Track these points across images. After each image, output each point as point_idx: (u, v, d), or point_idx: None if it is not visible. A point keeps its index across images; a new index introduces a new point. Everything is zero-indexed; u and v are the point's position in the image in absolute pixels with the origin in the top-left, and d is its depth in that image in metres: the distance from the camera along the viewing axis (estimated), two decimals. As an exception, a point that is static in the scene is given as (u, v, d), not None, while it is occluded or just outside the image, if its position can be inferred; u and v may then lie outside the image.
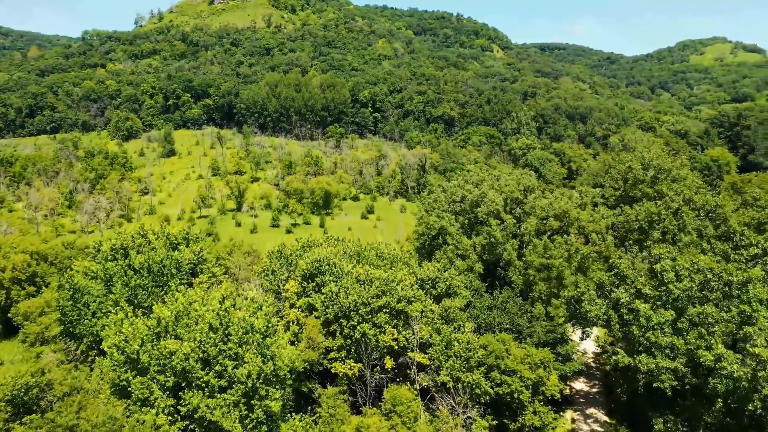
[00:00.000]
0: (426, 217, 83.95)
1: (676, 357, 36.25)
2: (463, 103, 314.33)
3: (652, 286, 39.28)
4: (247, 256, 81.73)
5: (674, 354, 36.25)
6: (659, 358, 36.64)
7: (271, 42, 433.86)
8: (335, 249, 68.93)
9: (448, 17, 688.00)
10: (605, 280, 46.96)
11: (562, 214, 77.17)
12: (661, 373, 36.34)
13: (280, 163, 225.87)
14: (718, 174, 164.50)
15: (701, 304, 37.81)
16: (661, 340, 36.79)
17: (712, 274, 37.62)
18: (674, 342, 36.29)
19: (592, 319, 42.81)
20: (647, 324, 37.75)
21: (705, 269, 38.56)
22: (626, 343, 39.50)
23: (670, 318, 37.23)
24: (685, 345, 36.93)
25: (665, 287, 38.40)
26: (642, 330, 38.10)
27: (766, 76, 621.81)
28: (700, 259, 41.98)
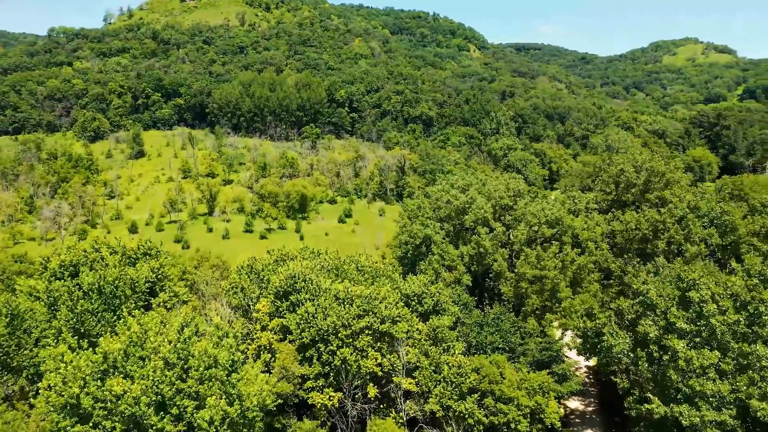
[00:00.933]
0: (409, 225, 78.24)
1: (723, 407, 31.23)
2: (442, 103, 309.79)
3: (687, 318, 34.23)
4: (215, 269, 74.93)
5: (721, 404, 31.23)
6: (704, 409, 31.40)
7: (245, 40, 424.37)
8: (312, 263, 62.75)
9: (425, 16, 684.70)
10: (624, 306, 41.84)
11: (555, 221, 72.10)
12: (706, 427, 31.13)
13: (254, 164, 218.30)
14: (701, 175, 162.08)
15: (749, 343, 32.65)
16: (706, 388, 31.51)
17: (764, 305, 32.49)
18: (721, 389, 31.14)
19: (616, 356, 37.66)
20: (688, 367, 32.46)
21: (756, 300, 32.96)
22: (658, 387, 34.48)
23: (714, 360, 32.09)
24: (734, 393, 31.80)
25: (704, 321, 33.27)
26: (681, 374, 32.79)
27: (737, 77, 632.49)
28: (732, 282, 36.89)
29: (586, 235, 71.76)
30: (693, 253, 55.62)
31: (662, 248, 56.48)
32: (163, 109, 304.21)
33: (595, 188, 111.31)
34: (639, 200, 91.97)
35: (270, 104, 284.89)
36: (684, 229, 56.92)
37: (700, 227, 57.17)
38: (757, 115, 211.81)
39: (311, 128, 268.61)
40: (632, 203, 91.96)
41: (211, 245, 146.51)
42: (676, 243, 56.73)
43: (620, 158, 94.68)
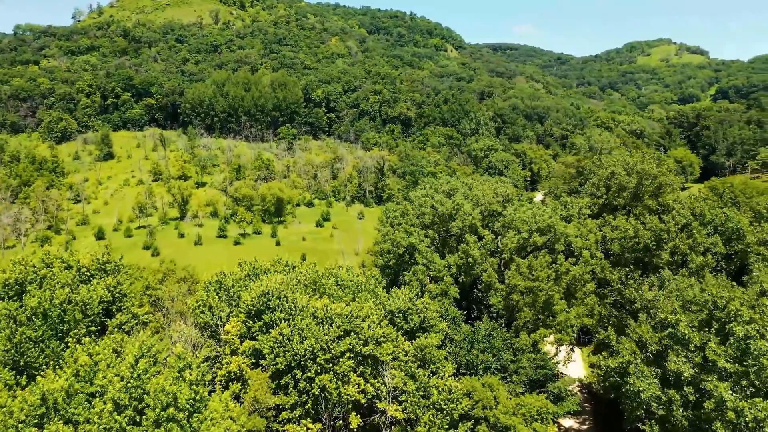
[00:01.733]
0: (391, 232, 73.21)
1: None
2: (420, 103, 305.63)
3: (730, 356, 29.92)
4: (182, 283, 68.97)
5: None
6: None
7: (219, 39, 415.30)
8: (287, 277, 57.33)
9: (402, 16, 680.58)
10: (647, 337, 37.38)
11: (547, 228, 67.83)
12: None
13: (229, 166, 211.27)
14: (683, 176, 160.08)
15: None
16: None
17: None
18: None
19: (645, 401, 33.19)
20: (738, 420, 28.05)
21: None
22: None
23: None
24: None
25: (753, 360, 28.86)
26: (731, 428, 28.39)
27: (710, 77, 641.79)
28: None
29: (580, 243, 67.66)
30: (699, 264, 51.70)
31: (666, 259, 52.41)
32: (134, 109, 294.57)
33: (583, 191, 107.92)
34: (630, 204, 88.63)
35: (245, 104, 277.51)
36: (689, 238, 52.97)
37: (705, 236, 53.28)
38: (736, 115, 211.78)
39: (287, 129, 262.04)
40: (623, 207, 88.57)
41: (182, 252, 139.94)
42: (680, 253, 52.75)
43: (610, 160, 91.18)
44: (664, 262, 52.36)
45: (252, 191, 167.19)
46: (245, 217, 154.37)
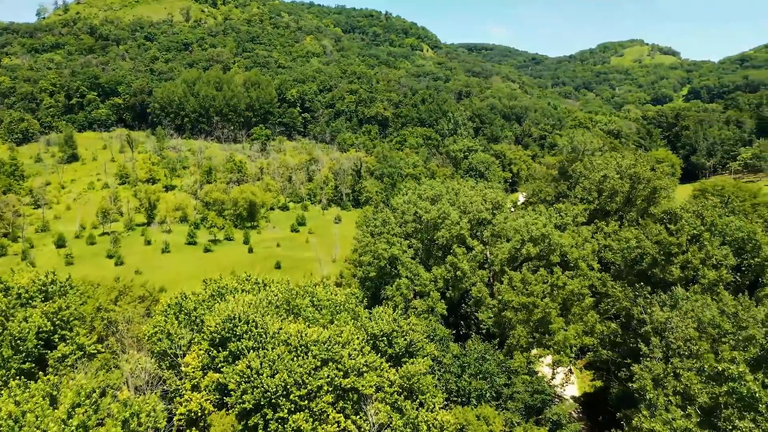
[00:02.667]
0: (372, 243, 67.36)
1: None
2: (397, 103, 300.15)
3: None
4: (139, 302, 62.05)
5: None
6: None
7: (190, 37, 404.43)
8: (256, 297, 51.01)
9: (377, 15, 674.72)
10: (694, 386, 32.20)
11: (541, 237, 62.69)
12: None
13: (199, 169, 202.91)
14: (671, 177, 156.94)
15: None
16: None
17: None
18: None
19: None
20: None
21: None
22: None
23: None
24: None
25: None
26: None
27: (682, 78, 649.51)
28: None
29: (576, 253, 62.69)
30: (712, 279, 46.98)
31: (677, 275, 47.55)
32: (100, 109, 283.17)
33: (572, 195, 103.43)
34: (623, 209, 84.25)
35: (216, 104, 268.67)
36: (700, 251, 48.22)
37: (717, 248, 48.63)
38: (714, 115, 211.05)
39: (261, 129, 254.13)
40: (615, 212, 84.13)
41: (148, 260, 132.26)
42: (692, 268, 47.99)
43: (602, 163, 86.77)
44: (675, 277, 47.53)
45: (223, 195, 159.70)
46: (216, 222, 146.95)
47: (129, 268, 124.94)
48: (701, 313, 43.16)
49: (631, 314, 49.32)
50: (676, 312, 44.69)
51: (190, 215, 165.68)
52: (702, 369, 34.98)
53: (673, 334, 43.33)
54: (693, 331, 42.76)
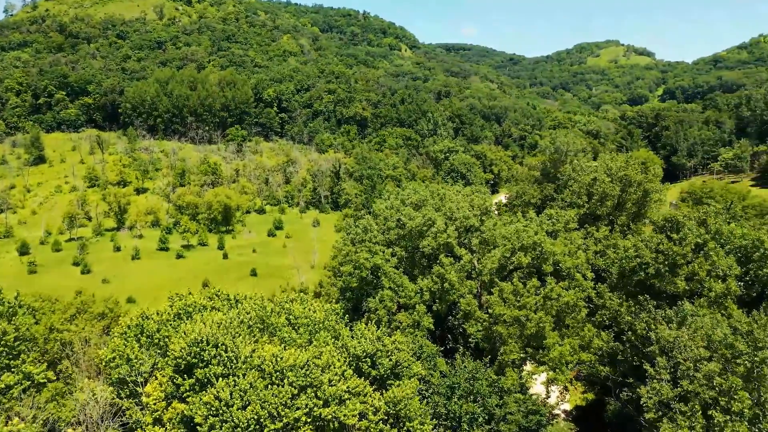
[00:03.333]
0: (353, 252, 63.13)
1: None
2: (376, 103, 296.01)
3: None
4: (98, 320, 56.88)
5: None
6: None
7: (164, 35, 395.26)
8: (227, 316, 46.35)
9: (355, 15, 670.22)
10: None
11: (533, 245, 59.10)
12: None
13: (172, 171, 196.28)
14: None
15: None
16: None
17: None
18: None
19: None
20: None
21: None
22: None
23: None
24: None
25: None
26: None
27: (657, 78, 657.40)
28: None
29: (569, 262, 59.25)
30: (719, 292, 43.76)
31: (683, 288, 44.20)
32: (69, 109, 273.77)
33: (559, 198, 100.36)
34: (613, 214, 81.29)
35: (190, 104, 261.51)
36: (707, 261, 44.96)
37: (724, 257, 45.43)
38: (693, 115, 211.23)
39: (237, 130, 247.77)
40: (606, 217, 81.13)
41: (117, 268, 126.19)
42: (698, 280, 44.72)
43: (591, 164, 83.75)
44: (681, 290, 44.20)
45: (197, 198, 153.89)
46: (189, 227, 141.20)
47: (96, 277, 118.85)
48: (712, 332, 39.83)
49: (634, 329, 45.86)
50: (685, 329, 41.30)
51: (163, 219, 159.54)
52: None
53: (682, 354, 39.93)
54: (703, 351, 39.44)
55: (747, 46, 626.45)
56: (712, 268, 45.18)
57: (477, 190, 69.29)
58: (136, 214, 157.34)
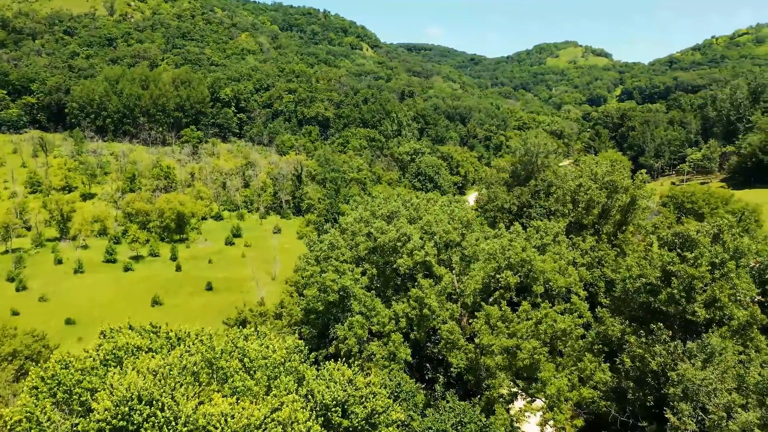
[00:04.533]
0: (318, 273, 55.49)
1: None
2: (339, 103, 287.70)
3: None
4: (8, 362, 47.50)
5: None
6: None
7: (114, 32, 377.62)
8: (166, 361, 38.14)
9: (315, 13, 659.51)
10: None
11: (521, 263, 52.58)
12: None
13: (122, 174, 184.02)
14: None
15: None
16: None
17: None
18: None
19: None
20: None
21: None
22: None
23: None
24: None
25: None
26: None
27: (615, 78, 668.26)
28: None
29: (561, 281, 52.97)
30: (743, 320, 38.04)
31: (703, 316, 38.21)
32: (10, 109, 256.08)
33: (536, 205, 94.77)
34: (599, 222, 75.80)
35: (142, 103, 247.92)
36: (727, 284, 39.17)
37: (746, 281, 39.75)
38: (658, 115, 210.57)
39: (192, 131, 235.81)
40: (592, 226, 75.60)
41: (57, 283, 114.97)
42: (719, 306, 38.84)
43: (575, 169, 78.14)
44: (701, 319, 38.26)
45: (148, 205, 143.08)
46: (138, 236, 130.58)
47: (32, 294, 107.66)
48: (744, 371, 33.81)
49: (647, 363, 39.69)
50: (711, 368, 35.19)
51: (110, 228, 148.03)
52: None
53: (711, 400, 33.78)
54: (737, 396, 33.37)
55: (700, 48, 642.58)
56: (733, 293, 39.35)
57: (456, 201, 62.50)
58: (80, 222, 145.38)
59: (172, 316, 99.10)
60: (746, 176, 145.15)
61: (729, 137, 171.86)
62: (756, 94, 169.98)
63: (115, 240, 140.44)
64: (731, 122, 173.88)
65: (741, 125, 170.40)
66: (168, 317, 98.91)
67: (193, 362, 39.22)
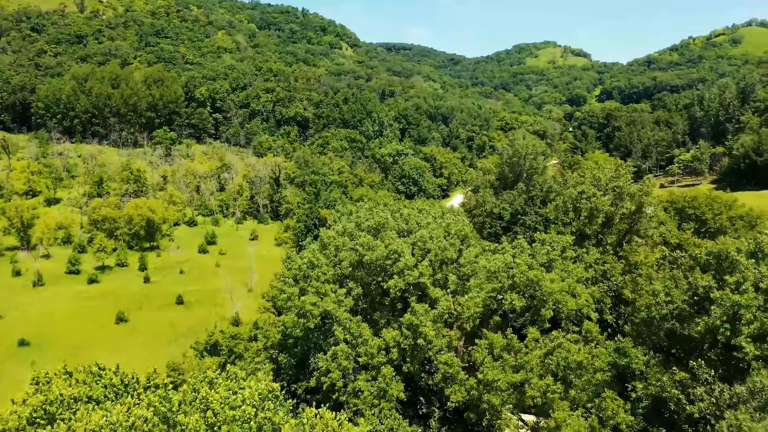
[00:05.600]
0: (296, 295, 48.77)
1: None
2: (318, 103, 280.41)
3: None
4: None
5: None
6: None
7: (85, 29, 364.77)
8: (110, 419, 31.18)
9: (294, 12, 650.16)
10: None
11: (527, 284, 46.44)
12: None
13: (90, 178, 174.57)
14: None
15: None
16: None
17: None
18: None
19: None
20: None
21: None
22: None
23: None
24: None
25: None
26: None
27: (594, 78, 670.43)
28: None
29: (572, 303, 46.96)
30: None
31: (753, 353, 32.38)
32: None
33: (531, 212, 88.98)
34: (602, 232, 70.18)
35: (112, 103, 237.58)
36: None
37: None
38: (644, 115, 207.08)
39: (165, 132, 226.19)
40: (595, 236, 69.92)
41: (13, 298, 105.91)
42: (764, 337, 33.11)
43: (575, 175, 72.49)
44: (750, 357, 32.46)
45: (115, 211, 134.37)
46: (105, 245, 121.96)
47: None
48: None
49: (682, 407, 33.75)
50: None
51: (75, 236, 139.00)
52: None
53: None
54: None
55: (677, 48, 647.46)
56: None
57: (452, 212, 56.14)
58: (43, 229, 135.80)
59: (137, 335, 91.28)
60: (738, 178, 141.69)
61: (718, 138, 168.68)
62: (745, 94, 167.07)
63: (80, 249, 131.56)
64: (720, 122, 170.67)
65: (730, 125, 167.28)
66: (133, 336, 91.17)
67: (144, 418, 32.13)
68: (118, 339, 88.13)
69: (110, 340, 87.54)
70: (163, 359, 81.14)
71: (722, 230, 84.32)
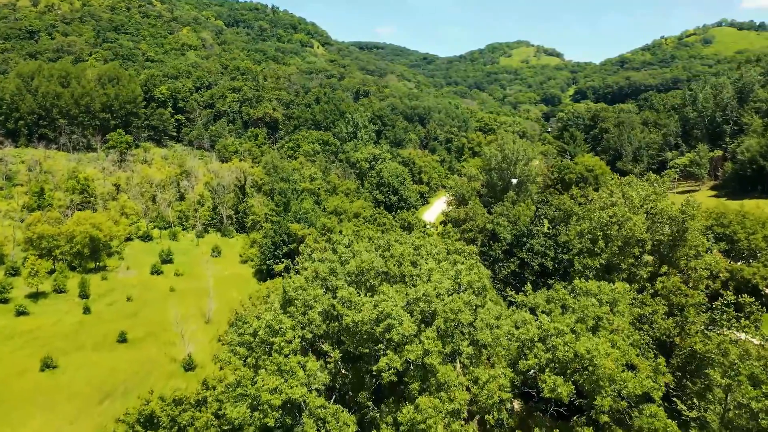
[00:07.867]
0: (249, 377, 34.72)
1: None
2: (288, 103, 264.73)
3: None
4: None
5: None
6: None
7: (37, 24, 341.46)
8: None
9: (263, 9, 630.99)
10: None
11: (575, 360, 33.18)
12: None
13: (32, 187, 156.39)
14: (596, 185, 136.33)
15: None
16: None
17: None
18: None
19: None
20: None
21: None
22: None
23: None
24: None
25: None
26: None
27: (568, 78, 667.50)
28: None
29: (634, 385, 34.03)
30: None
31: None
32: None
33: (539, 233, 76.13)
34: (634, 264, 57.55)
35: (62, 103, 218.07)
36: None
37: None
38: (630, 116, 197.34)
39: (119, 134, 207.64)
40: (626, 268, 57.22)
41: None
42: None
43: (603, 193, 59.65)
44: None
45: (53, 227, 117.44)
46: (38, 268, 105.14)
47: None
48: None
49: None
50: None
51: (8, 256, 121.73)
52: None
53: None
54: None
55: (650, 48, 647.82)
56: None
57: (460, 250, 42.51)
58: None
59: (66, 385, 75.18)
60: (742, 184, 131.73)
61: (713, 140, 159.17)
62: (743, 94, 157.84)
63: (13, 271, 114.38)
64: (716, 124, 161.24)
65: (728, 127, 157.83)
66: (60, 387, 74.84)
67: None
68: (41, 391, 72.28)
69: (31, 392, 71.63)
70: (93, 422, 66.04)
71: (755, 251, 72.96)
